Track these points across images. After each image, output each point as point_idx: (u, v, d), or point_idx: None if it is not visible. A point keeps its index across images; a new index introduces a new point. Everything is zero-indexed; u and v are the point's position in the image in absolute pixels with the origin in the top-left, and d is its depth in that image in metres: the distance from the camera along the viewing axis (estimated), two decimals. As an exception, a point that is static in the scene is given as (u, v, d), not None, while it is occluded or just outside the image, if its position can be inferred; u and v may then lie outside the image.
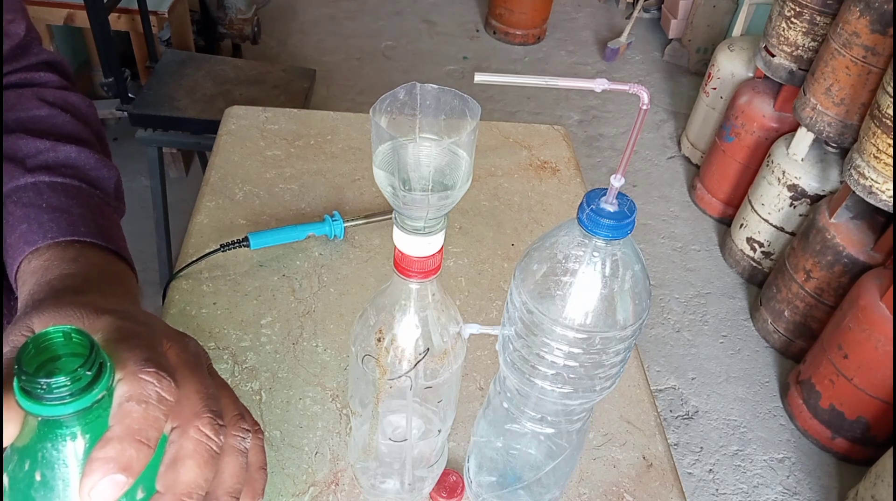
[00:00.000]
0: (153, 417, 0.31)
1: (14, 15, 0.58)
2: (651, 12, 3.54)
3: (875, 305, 1.60)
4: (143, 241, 2.00)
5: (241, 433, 0.37)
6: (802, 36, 2.03)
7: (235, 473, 0.36)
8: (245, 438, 0.37)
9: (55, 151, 0.52)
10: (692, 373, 2.00)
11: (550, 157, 1.02)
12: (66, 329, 0.29)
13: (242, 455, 0.37)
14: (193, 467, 0.32)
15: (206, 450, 0.33)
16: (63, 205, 0.49)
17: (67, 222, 0.48)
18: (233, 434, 0.36)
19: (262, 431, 0.40)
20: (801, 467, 1.81)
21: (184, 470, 0.32)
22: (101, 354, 0.30)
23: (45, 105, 0.56)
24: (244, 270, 0.79)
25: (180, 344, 0.38)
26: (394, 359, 0.49)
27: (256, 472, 0.39)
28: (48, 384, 0.27)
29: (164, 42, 2.10)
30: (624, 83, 0.38)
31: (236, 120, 1.00)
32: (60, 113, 0.56)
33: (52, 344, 0.29)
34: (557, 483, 0.59)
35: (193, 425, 0.33)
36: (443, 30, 3.36)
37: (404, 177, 0.40)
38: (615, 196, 0.41)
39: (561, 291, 0.43)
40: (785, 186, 2.03)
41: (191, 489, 0.32)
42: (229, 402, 0.38)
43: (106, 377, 0.29)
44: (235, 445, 0.36)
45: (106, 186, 0.55)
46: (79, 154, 0.54)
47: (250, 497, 0.38)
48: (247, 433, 0.37)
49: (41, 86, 0.59)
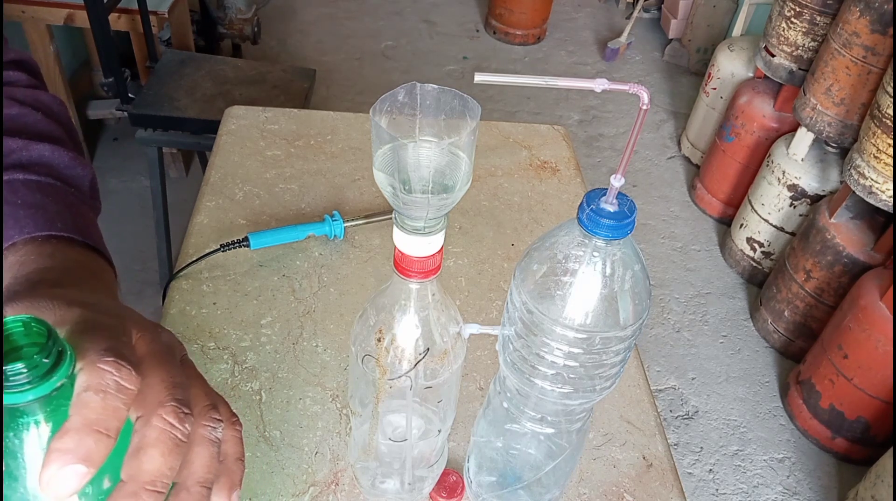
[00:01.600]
0: (112, 406, 0.30)
1: None
2: (651, 12, 3.54)
3: (875, 305, 1.60)
4: (143, 241, 2.00)
5: (210, 423, 0.36)
6: (802, 36, 2.03)
7: (206, 463, 0.35)
8: (215, 428, 0.37)
9: (28, 150, 0.52)
10: (692, 373, 2.00)
11: (550, 157, 1.02)
12: (25, 319, 0.29)
13: (213, 445, 0.36)
14: (156, 455, 0.32)
15: (169, 438, 0.33)
16: (38, 202, 0.49)
17: (43, 218, 0.48)
18: (202, 424, 0.36)
19: (239, 423, 0.40)
20: (801, 467, 1.81)
21: (146, 459, 0.32)
22: (59, 342, 0.30)
23: (16, 104, 0.55)
24: (244, 270, 0.79)
25: (151, 334, 0.37)
26: (394, 359, 0.49)
27: (233, 463, 0.38)
28: (5, 371, 0.28)
29: (164, 42, 2.10)
30: (624, 83, 0.38)
31: (236, 120, 1.00)
32: (32, 112, 0.55)
33: (12, 334, 0.29)
34: (557, 483, 0.59)
35: (157, 413, 0.33)
36: (443, 30, 3.36)
37: (404, 178, 0.40)
38: (615, 196, 0.41)
39: (561, 291, 0.43)
40: (785, 186, 2.03)
41: (154, 477, 0.32)
42: (200, 392, 0.38)
43: (65, 365, 0.29)
44: (205, 434, 0.36)
45: (80, 184, 0.55)
46: (52, 152, 0.53)
47: (227, 488, 0.38)
48: (217, 422, 0.37)
49: (10, 84, 0.58)
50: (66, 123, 0.60)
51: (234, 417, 0.39)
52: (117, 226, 2.08)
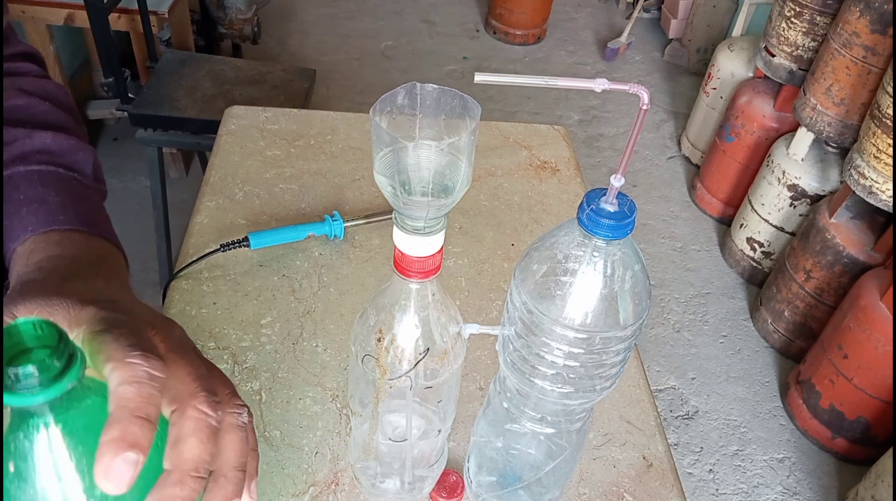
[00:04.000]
0: (148, 394, 0.32)
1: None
2: (651, 12, 3.54)
3: (875, 305, 1.60)
4: (143, 241, 2.00)
5: (236, 410, 0.38)
6: (802, 36, 2.03)
7: (238, 448, 0.37)
8: (241, 413, 0.38)
9: (31, 139, 0.53)
10: (692, 373, 2.00)
11: (550, 157, 1.02)
12: (36, 321, 0.30)
13: (241, 430, 0.37)
14: (196, 443, 0.34)
15: (206, 426, 0.34)
16: (41, 195, 0.50)
17: (46, 212, 0.48)
18: (229, 411, 0.37)
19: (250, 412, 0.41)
20: (801, 467, 1.81)
21: (187, 448, 0.33)
22: (70, 344, 0.30)
23: (24, 95, 0.56)
24: (244, 270, 0.79)
25: (165, 330, 0.39)
26: (394, 359, 0.49)
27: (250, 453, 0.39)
28: (16, 373, 0.28)
29: (164, 42, 2.10)
30: (624, 83, 0.38)
31: (236, 120, 1.00)
32: (40, 102, 0.57)
33: (23, 336, 0.29)
34: (557, 483, 0.59)
35: (190, 404, 0.34)
36: (443, 30, 3.36)
37: (404, 179, 0.40)
38: (615, 196, 0.41)
39: (561, 291, 0.43)
40: (785, 186, 2.03)
41: (197, 464, 0.33)
42: (220, 381, 0.39)
43: (76, 367, 0.29)
44: (233, 421, 0.37)
45: (83, 168, 0.56)
46: (54, 139, 0.54)
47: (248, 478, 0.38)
48: (242, 408, 0.38)
49: (20, 75, 0.59)
50: (71, 110, 0.61)
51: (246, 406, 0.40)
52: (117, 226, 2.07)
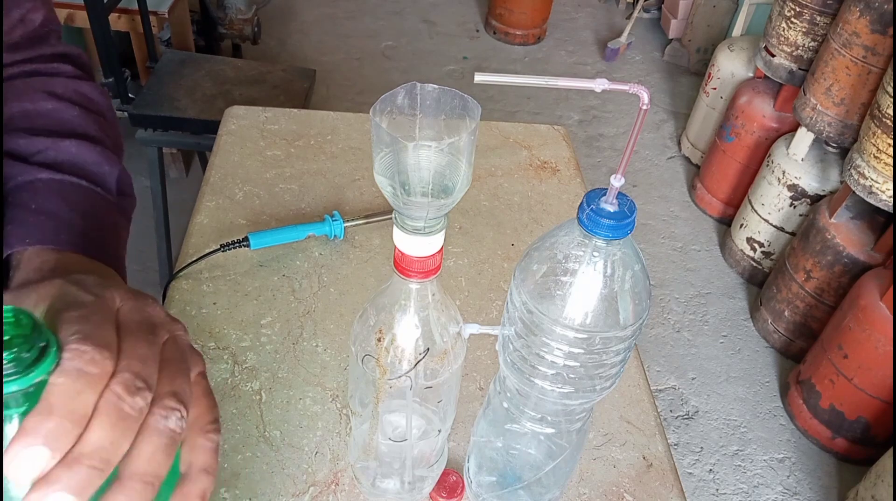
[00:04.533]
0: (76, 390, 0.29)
1: (34, 3, 0.57)
2: (651, 12, 3.54)
3: (875, 305, 1.60)
4: (143, 241, 2.00)
5: (163, 410, 0.32)
6: (802, 36, 2.03)
7: (150, 454, 0.31)
8: (167, 417, 0.32)
9: (55, 149, 0.52)
10: (692, 373, 2.00)
11: (550, 157, 1.02)
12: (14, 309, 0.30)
13: (163, 437, 0.31)
14: (97, 427, 0.29)
15: (115, 410, 0.30)
16: (53, 209, 0.48)
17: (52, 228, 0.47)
18: (153, 410, 0.32)
19: (217, 431, 0.36)
20: (801, 467, 1.81)
21: (89, 429, 0.29)
22: (44, 335, 0.29)
23: (53, 99, 0.55)
24: (244, 270, 0.79)
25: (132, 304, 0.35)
26: (394, 359, 0.49)
27: (197, 473, 0.34)
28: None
29: (164, 42, 2.10)
30: (624, 83, 0.38)
31: (236, 120, 1.00)
32: (69, 107, 0.55)
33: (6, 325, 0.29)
34: (557, 483, 0.59)
35: (109, 385, 0.30)
36: (443, 30, 3.36)
37: (404, 179, 0.40)
38: (615, 196, 0.41)
39: (561, 291, 0.43)
40: (785, 186, 2.03)
41: (94, 449, 0.29)
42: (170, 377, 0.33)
43: (48, 359, 0.29)
44: (153, 422, 0.31)
45: (106, 182, 0.54)
46: (78, 149, 0.53)
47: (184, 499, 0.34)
48: (172, 411, 0.32)
49: (53, 76, 0.57)
50: (106, 113, 0.59)
51: (212, 424, 0.36)
52: (117, 226, 2.08)
